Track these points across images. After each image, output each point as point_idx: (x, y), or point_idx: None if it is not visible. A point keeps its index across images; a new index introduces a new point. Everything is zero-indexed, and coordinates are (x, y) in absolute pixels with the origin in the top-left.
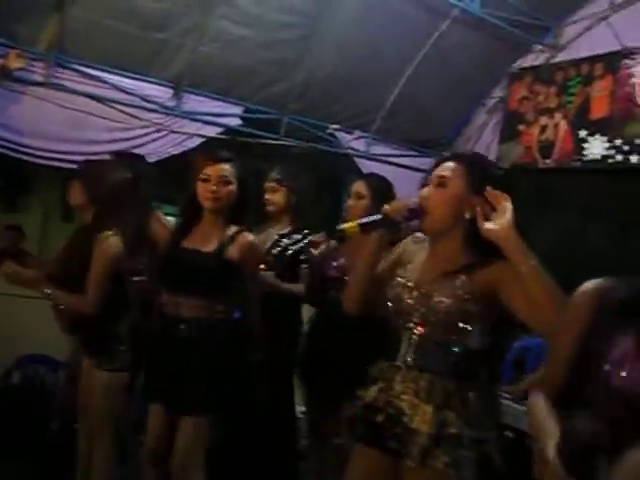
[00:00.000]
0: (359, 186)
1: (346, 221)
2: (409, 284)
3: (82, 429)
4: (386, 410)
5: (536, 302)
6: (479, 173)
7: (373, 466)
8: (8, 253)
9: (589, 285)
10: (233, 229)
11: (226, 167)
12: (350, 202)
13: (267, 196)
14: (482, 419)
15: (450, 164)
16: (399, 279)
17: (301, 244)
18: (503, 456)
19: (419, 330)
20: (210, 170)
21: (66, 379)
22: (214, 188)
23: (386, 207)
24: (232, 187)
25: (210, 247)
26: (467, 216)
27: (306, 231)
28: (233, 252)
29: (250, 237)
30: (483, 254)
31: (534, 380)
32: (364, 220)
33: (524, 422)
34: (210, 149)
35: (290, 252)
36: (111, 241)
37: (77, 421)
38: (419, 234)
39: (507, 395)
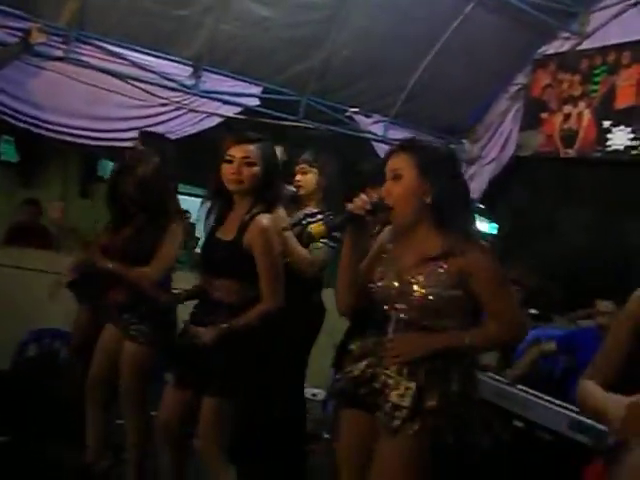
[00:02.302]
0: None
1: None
2: (390, 274)
3: (96, 399)
4: (370, 384)
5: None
6: (427, 157)
7: (360, 425)
8: (26, 227)
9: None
10: (253, 212)
11: (250, 148)
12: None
13: (297, 177)
14: (463, 395)
15: (400, 155)
16: (380, 269)
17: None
18: (513, 445)
19: (404, 314)
20: (234, 151)
21: (73, 352)
22: (236, 169)
23: (349, 205)
24: (256, 169)
25: (231, 234)
26: (427, 200)
27: (329, 212)
28: (247, 238)
29: (263, 222)
30: (453, 231)
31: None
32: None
33: (533, 411)
34: (235, 129)
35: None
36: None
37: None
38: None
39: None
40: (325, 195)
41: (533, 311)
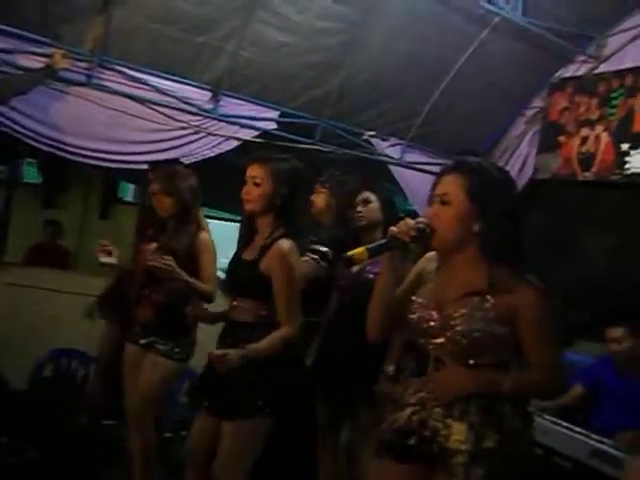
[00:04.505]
0: (366, 194)
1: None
2: (430, 306)
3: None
4: (420, 432)
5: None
6: (479, 182)
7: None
8: (45, 248)
9: None
10: (275, 235)
11: (257, 168)
12: (359, 208)
13: (312, 197)
14: (519, 434)
15: (449, 178)
16: (419, 300)
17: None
18: (532, 473)
19: (442, 350)
20: (247, 172)
21: (96, 375)
22: (246, 190)
23: (392, 229)
24: (261, 189)
25: (252, 255)
26: (476, 229)
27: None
28: (266, 261)
29: (284, 246)
30: (501, 264)
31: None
32: (372, 245)
33: (553, 438)
34: (254, 152)
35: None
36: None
37: (106, 417)
38: (434, 252)
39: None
40: (337, 215)
41: None
